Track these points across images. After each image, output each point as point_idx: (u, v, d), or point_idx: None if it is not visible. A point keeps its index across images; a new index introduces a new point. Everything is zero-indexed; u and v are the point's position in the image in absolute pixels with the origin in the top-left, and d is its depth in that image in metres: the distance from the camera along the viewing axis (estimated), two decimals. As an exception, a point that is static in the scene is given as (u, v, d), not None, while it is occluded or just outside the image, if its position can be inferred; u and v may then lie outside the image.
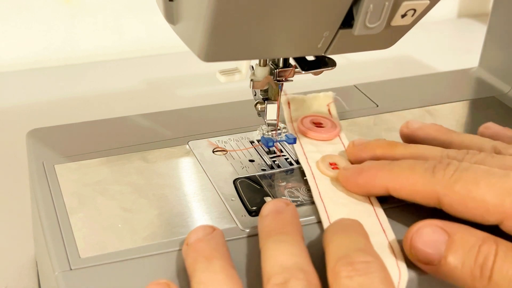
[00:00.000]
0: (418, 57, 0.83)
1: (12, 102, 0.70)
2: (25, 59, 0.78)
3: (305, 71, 0.40)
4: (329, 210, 0.36)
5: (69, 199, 0.38)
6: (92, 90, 0.73)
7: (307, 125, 0.43)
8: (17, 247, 0.49)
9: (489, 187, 0.31)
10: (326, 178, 0.38)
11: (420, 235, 0.31)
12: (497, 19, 0.55)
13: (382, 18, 0.33)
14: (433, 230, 0.31)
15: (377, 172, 0.35)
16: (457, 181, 0.32)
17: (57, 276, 0.32)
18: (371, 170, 0.36)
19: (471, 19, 0.98)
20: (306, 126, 0.43)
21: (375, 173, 0.35)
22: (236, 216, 0.36)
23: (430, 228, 0.31)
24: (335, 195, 0.37)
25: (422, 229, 0.31)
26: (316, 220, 0.36)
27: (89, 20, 0.80)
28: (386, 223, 0.35)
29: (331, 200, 0.37)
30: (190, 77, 0.76)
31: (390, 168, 0.35)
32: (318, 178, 0.39)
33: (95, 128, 0.45)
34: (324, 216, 0.35)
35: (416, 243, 0.31)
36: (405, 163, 0.35)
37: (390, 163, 0.35)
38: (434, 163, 0.33)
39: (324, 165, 0.39)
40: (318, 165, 0.39)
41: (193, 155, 0.42)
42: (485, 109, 0.50)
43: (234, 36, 0.32)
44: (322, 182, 0.38)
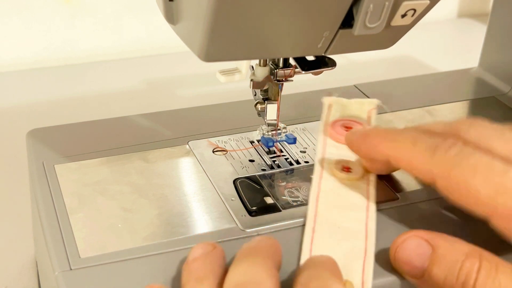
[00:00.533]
0: (418, 57, 0.83)
1: (12, 102, 0.70)
2: (25, 59, 0.78)
3: (305, 71, 0.40)
4: (319, 211, 0.36)
5: (69, 199, 0.38)
6: (92, 90, 0.73)
7: (336, 128, 0.41)
8: (17, 247, 0.49)
9: (485, 181, 0.31)
10: (333, 180, 0.38)
11: (405, 247, 0.31)
12: (497, 19, 0.55)
13: (382, 18, 0.33)
14: (417, 243, 0.31)
15: (380, 141, 0.35)
16: (455, 167, 0.31)
17: (57, 276, 0.32)
18: (375, 138, 0.36)
19: (471, 19, 0.98)
20: (335, 129, 0.41)
21: (379, 141, 0.35)
22: (236, 216, 0.36)
23: (415, 241, 0.31)
24: (333, 198, 0.37)
25: (407, 241, 0.31)
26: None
27: (89, 20, 0.80)
28: (373, 232, 0.34)
29: (326, 201, 0.36)
30: (190, 77, 0.76)
31: (393, 139, 0.35)
32: (324, 178, 0.38)
33: (95, 128, 0.45)
34: (311, 216, 0.35)
35: (400, 255, 0.31)
36: (409, 134, 0.34)
37: (395, 131, 0.35)
38: (437, 143, 0.32)
39: (337, 166, 0.38)
40: (331, 166, 0.39)
41: (193, 155, 0.42)
42: (485, 109, 0.50)
43: (234, 36, 0.32)
44: (326, 183, 0.38)
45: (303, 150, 0.43)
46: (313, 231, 0.34)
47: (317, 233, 0.34)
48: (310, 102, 0.50)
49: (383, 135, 0.35)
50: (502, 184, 0.30)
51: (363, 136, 0.36)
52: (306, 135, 0.45)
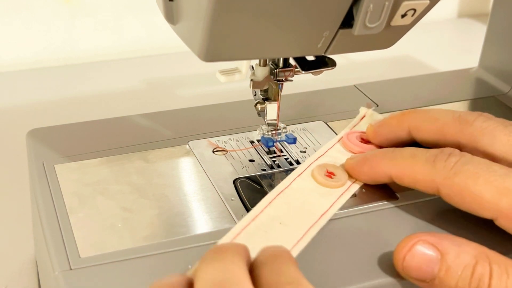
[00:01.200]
0: (418, 57, 0.83)
1: (12, 102, 0.70)
2: (25, 59, 0.78)
3: (305, 71, 0.40)
4: (271, 205, 0.36)
5: (69, 199, 0.38)
6: (92, 90, 0.73)
7: (351, 136, 0.41)
8: (17, 247, 0.49)
9: (487, 184, 0.31)
10: (308, 182, 0.38)
11: (413, 255, 0.31)
12: (497, 19, 0.55)
13: (382, 18, 0.33)
14: (425, 249, 0.31)
15: (380, 161, 0.36)
16: (456, 174, 0.32)
17: (57, 275, 0.32)
18: (374, 159, 0.36)
19: (471, 19, 0.98)
20: (349, 136, 0.41)
21: (379, 161, 0.36)
22: (236, 216, 0.36)
23: (423, 247, 0.31)
24: (294, 198, 0.36)
25: (415, 248, 0.31)
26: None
27: (89, 20, 0.80)
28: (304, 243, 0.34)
29: (286, 198, 0.36)
30: (190, 77, 0.76)
31: (393, 157, 0.35)
32: (301, 177, 0.38)
33: (95, 128, 0.45)
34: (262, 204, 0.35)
35: (409, 263, 0.31)
36: (406, 151, 0.35)
37: (393, 150, 0.36)
38: (436, 153, 0.34)
39: (320, 170, 0.38)
40: (315, 168, 0.39)
41: (193, 155, 0.42)
42: (485, 109, 0.50)
43: (234, 36, 0.32)
44: (299, 182, 0.38)
45: (303, 150, 0.43)
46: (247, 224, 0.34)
47: (251, 225, 0.34)
48: (310, 102, 0.50)
49: (381, 155, 0.36)
50: (504, 187, 0.31)
51: (363, 160, 0.37)
52: (306, 135, 0.45)
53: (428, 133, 0.37)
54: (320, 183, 0.38)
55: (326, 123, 0.47)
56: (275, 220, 0.35)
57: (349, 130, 0.43)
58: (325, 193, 0.37)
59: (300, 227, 0.34)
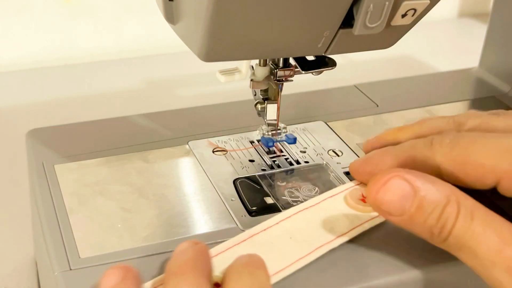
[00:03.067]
0: (418, 57, 0.83)
1: (12, 102, 0.70)
2: (25, 59, 0.78)
3: (305, 71, 0.40)
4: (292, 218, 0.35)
5: (69, 199, 0.37)
6: (92, 90, 0.73)
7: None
8: (17, 247, 0.49)
9: (485, 148, 0.32)
10: (339, 203, 0.36)
11: (387, 189, 0.31)
12: (497, 19, 0.55)
13: (382, 18, 0.33)
14: (400, 184, 0.31)
15: (382, 157, 0.36)
16: (454, 147, 0.32)
17: (57, 276, 0.32)
18: (376, 157, 0.36)
19: (471, 19, 0.98)
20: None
21: (381, 157, 0.36)
22: (236, 216, 0.36)
23: (397, 181, 0.31)
24: (317, 215, 0.35)
25: (390, 182, 0.31)
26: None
27: (89, 20, 0.80)
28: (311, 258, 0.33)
29: (309, 214, 0.35)
30: (190, 77, 0.76)
31: (393, 152, 0.36)
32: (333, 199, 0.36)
33: (95, 128, 0.45)
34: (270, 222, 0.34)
35: (382, 196, 0.31)
36: (406, 144, 0.35)
37: (393, 147, 0.36)
38: (432, 137, 0.34)
39: (353, 194, 0.36)
40: (350, 191, 0.36)
41: (193, 155, 0.42)
42: (485, 109, 0.50)
43: (234, 36, 0.32)
44: (330, 203, 0.36)
45: (303, 150, 0.43)
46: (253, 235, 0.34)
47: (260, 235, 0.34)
48: (310, 102, 0.50)
49: (383, 152, 0.36)
50: (503, 147, 0.31)
51: (365, 160, 0.37)
52: (306, 135, 0.45)
53: None
54: (350, 206, 0.36)
55: (326, 123, 0.47)
56: (286, 234, 0.34)
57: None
58: (352, 216, 0.35)
59: (310, 244, 0.33)
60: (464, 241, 0.29)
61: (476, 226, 0.29)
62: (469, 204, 0.30)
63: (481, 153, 0.32)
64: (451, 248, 0.30)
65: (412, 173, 0.31)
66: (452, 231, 0.30)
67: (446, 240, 0.30)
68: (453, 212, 0.30)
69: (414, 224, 0.31)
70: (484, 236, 0.29)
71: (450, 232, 0.30)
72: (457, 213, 0.30)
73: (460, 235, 0.30)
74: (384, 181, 0.31)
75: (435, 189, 0.31)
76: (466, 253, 0.30)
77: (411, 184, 0.31)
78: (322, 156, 0.43)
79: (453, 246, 0.30)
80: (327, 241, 0.34)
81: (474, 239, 0.29)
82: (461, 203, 0.30)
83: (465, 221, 0.30)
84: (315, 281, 0.32)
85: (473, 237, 0.29)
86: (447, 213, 0.30)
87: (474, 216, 0.30)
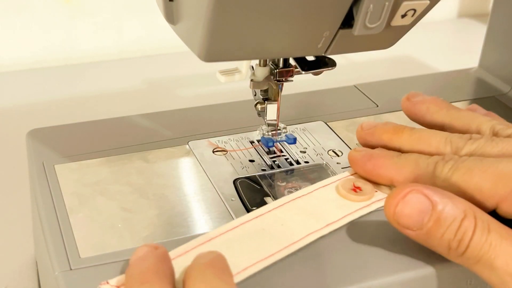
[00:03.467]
0: (418, 57, 0.83)
1: (12, 102, 0.70)
2: (25, 59, 0.78)
3: (305, 71, 0.40)
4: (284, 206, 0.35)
5: (69, 199, 0.38)
6: (92, 90, 0.73)
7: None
8: (17, 247, 0.49)
9: (483, 174, 0.32)
10: (330, 193, 0.37)
11: (406, 202, 0.32)
12: (497, 19, 0.55)
13: (382, 18, 0.33)
14: (418, 198, 0.31)
15: (384, 163, 0.36)
16: (454, 173, 0.33)
17: (57, 276, 0.32)
18: (379, 160, 0.37)
19: (471, 19, 0.98)
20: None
21: (382, 163, 0.36)
22: (236, 216, 0.36)
23: (416, 196, 0.31)
24: (309, 204, 0.36)
25: (409, 196, 0.32)
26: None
27: (89, 20, 0.80)
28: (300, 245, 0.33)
29: (301, 202, 0.36)
30: (190, 77, 0.76)
31: (397, 162, 0.36)
32: (325, 188, 0.37)
33: (95, 128, 0.45)
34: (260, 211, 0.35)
35: (401, 209, 0.32)
36: (411, 157, 0.36)
37: (398, 155, 0.36)
38: (437, 159, 0.34)
39: (346, 184, 0.37)
40: (342, 181, 0.37)
41: (193, 155, 0.42)
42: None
43: (234, 36, 0.32)
44: (321, 192, 0.37)
45: (303, 150, 0.43)
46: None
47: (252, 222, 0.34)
48: (310, 102, 0.50)
49: (386, 157, 0.36)
50: (499, 172, 0.32)
51: (367, 157, 0.37)
52: (306, 135, 0.45)
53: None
54: (341, 195, 0.37)
55: (326, 123, 0.47)
56: (278, 221, 0.35)
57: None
58: (343, 205, 0.36)
59: (300, 231, 0.34)
60: (482, 254, 0.30)
61: (493, 239, 0.30)
62: (486, 218, 0.31)
63: (479, 179, 0.32)
64: (468, 262, 0.30)
65: (430, 188, 0.32)
66: (470, 244, 0.30)
67: (463, 254, 0.30)
68: (471, 226, 0.30)
69: (431, 239, 0.31)
70: (501, 248, 0.29)
71: (468, 245, 0.30)
72: (474, 227, 0.30)
73: (477, 249, 0.30)
74: (403, 195, 0.32)
75: (452, 203, 0.31)
76: (484, 266, 0.30)
77: (429, 199, 0.31)
78: (322, 156, 0.43)
79: (471, 260, 0.30)
80: (318, 228, 0.34)
81: (492, 251, 0.29)
82: (478, 217, 0.30)
83: (483, 234, 0.30)
84: (315, 280, 0.32)
85: (490, 250, 0.30)
86: (465, 227, 0.30)
87: (490, 229, 0.30)
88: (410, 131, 0.38)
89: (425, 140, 0.37)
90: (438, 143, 0.37)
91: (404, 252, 0.34)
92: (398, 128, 0.39)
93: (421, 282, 0.33)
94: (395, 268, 0.33)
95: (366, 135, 0.39)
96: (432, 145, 0.37)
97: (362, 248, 0.34)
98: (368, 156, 0.37)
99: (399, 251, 0.34)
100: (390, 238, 0.35)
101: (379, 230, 0.35)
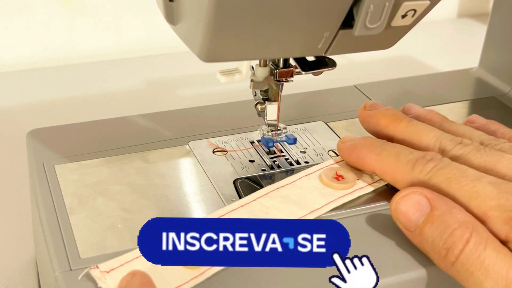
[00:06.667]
0: (418, 57, 0.83)
1: (12, 102, 0.70)
2: (25, 59, 0.78)
3: (305, 72, 0.40)
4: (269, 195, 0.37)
5: (69, 199, 0.38)
6: (92, 90, 0.73)
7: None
8: (17, 247, 0.49)
9: (459, 189, 0.32)
10: (313, 181, 0.38)
11: (406, 200, 0.32)
12: (497, 19, 0.55)
13: (382, 19, 0.33)
14: (419, 199, 0.32)
15: (367, 154, 0.37)
16: (431, 178, 0.33)
17: (57, 276, 0.32)
18: (362, 150, 0.38)
19: (471, 19, 0.98)
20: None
21: (366, 154, 0.37)
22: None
23: (417, 196, 0.32)
24: (293, 193, 0.37)
25: (410, 195, 0.32)
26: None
27: (89, 20, 0.80)
28: None
29: (285, 191, 0.37)
30: (190, 77, 0.76)
31: (379, 153, 0.37)
32: (309, 177, 0.38)
33: (95, 128, 0.45)
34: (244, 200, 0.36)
35: (400, 206, 0.33)
36: (393, 149, 0.36)
37: (381, 145, 0.37)
38: (417, 157, 0.35)
39: (328, 173, 0.38)
40: (325, 170, 0.39)
41: (193, 155, 0.42)
42: (485, 109, 0.50)
43: (234, 36, 0.32)
44: (304, 181, 0.38)
45: (303, 151, 0.43)
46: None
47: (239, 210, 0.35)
48: (310, 102, 0.50)
49: (370, 147, 0.37)
50: (474, 191, 0.32)
51: (352, 147, 0.38)
52: (306, 135, 0.45)
53: None
54: (324, 184, 0.38)
55: (326, 123, 0.47)
56: (263, 210, 0.36)
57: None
58: (326, 193, 0.37)
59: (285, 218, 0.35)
60: (472, 270, 0.29)
61: (487, 257, 0.29)
62: (485, 235, 0.30)
63: (455, 193, 0.32)
64: (460, 276, 0.30)
65: (436, 194, 0.32)
66: (460, 256, 0.30)
67: (453, 265, 0.30)
68: (463, 238, 0.30)
69: (424, 242, 0.32)
70: (494, 269, 0.29)
71: (458, 257, 0.30)
72: (467, 240, 0.30)
73: (468, 263, 0.30)
74: (406, 193, 0.33)
75: (450, 212, 0.31)
76: (473, 284, 0.29)
77: (430, 203, 0.32)
78: (322, 156, 0.43)
79: (461, 275, 0.30)
80: (301, 215, 0.35)
81: (483, 270, 0.29)
82: (475, 232, 0.30)
83: (476, 250, 0.30)
84: (315, 280, 0.32)
85: (482, 268, 0.29)
86: (456, 236, 0.30)
87: (487, 247, 0.30)
88: (408, 122, 0.39)
89: (417, 135, 0.38)
90: (428, 140, 0.37)
91: (404, 252, 0.34)
92: (396, 116, 0.39)
93: (421, 282, 0.33)
94: (395, 269, 0.33)
95: (367, 116, 0.41)
96: (422, 141, 0.37)
97: (362, 248, 0.34)
98: (352, 147, 0.38)
99: (399, 252, 0.34)
100: (390, 239, 0.35)
101: (379, 231, 0.35)
